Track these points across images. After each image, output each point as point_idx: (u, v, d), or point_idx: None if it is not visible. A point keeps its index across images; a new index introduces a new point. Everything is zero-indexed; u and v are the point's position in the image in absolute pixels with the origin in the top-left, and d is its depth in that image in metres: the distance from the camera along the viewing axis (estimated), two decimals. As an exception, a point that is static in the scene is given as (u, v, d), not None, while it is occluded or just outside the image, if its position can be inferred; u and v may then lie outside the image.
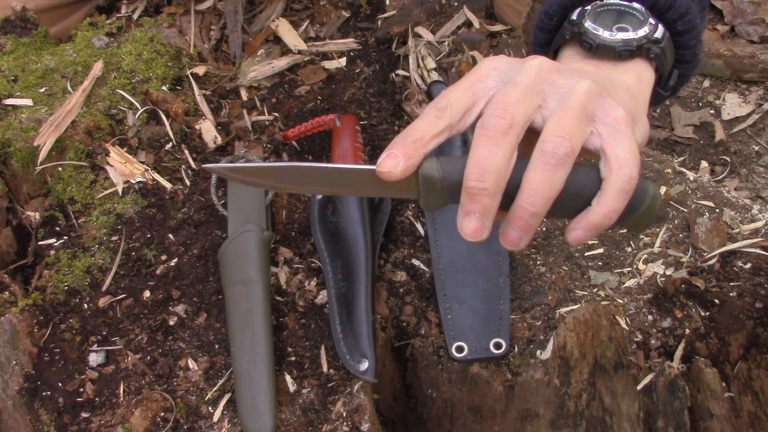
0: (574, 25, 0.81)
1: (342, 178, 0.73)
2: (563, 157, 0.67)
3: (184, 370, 0.99)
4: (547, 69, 0.71)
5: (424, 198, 0.72)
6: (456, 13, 1.41)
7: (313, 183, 0.73)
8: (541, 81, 0.70)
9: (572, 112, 0.68)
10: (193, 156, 1.19)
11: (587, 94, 0.69)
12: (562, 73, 0.71)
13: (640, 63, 0.80)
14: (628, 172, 0.67)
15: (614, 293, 1.05)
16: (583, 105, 0.68)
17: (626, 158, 0.68)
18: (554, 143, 0.67)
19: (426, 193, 0.72)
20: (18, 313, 1.02)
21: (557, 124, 0.68)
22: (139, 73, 1.26)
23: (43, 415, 0.96)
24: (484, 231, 0.71)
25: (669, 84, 0.86)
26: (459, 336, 1.00)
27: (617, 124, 0.69)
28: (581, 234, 0.70)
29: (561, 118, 0.68)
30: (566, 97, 0.69)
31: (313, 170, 0.73)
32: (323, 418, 0.94)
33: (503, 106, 0.68)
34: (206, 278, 1.06)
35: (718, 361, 0.98)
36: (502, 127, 0.67)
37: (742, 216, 1.09)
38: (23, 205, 1.16)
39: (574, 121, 0.68)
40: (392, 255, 1.11)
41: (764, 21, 1.62)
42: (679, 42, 0.84)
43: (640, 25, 0.80)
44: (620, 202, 0.68)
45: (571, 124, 0.67)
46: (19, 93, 1.23)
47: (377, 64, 1.34)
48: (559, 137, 0.67)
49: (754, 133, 1.48)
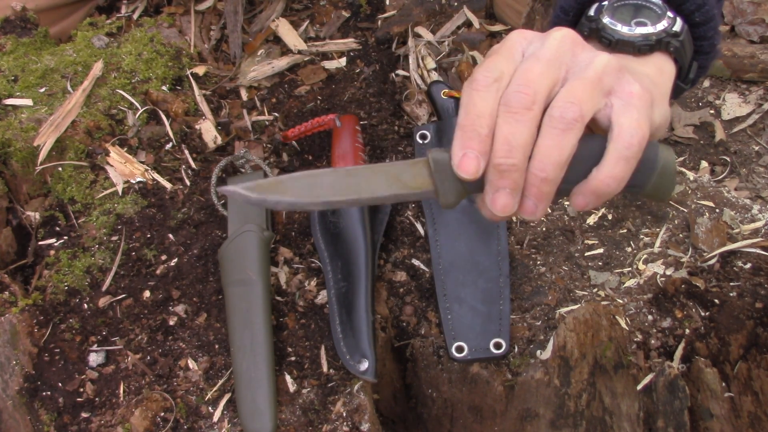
0: (592, 21, 0.80)
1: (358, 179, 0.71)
2: (571, 121, 0.67)
3: (184, 370, 0.99)
4: (570, 42, 0.71)
5: (442, 190, 0.71)
6: (456, 13, 1.41)
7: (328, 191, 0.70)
8: (564, 53, 0.70)
9: (586, 81, 0.68)
10: (193, 156, 1.19)
11: (606, 66, 0.69)
12: (585, 47, 0.71)
13: (660, 57, 0.80)
14: (627, 139, 0.67)
15: (614, 293, 1.05)
16: (599, 76, 0.68)
17: (629, 126, 0.68)
18: (563, 108, 0.67)
19: (442, 183, 0.70)
20: (18, 313, 1.02)
21: (569, 91, 0.68)
22: (139, 73, 1.26)
23: (43, 415, 0.96)
24: (514, 206, 0.70)
25: (689, 77, 0.86)
26: (459, 336, 1.00)
27: (631, 98, 0.69)
28: (581, 200, 0.71)
29: (573, 86, 0.68)
30: (584, 69, 0.69)
31: (327, 175, 0.71)
32: (323, 418, 0.94)
33: (526, 81, 0.68)
34: (206, 278, 1.06)
35: (718, 361, 0.98)
36: (525, 103, 0.67)
37: (742, 216, 1.09)
38: (23, 205, 1.16)
39: (587, 89, 0.68)
40: (392, 255, 1.11)
41: (764, 21, 1.61)
42: (696, 33, 0.83)
43: (659, 18, 0.79)
44: (619, 167, 0.68)
45: (583, 91, 0.67)
46: (19, 93, 1.23)
47: (377, 64, 1.34)
48: (568, 102, 0.67)
49: (754, 133, 1.48)
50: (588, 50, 0.71)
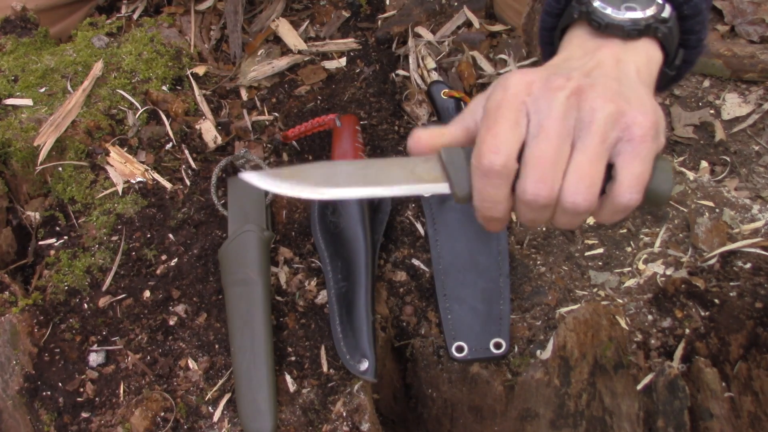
0: (582, 4, 0.81)
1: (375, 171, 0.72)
2: (583, 211, 0.70)
3: (184, 370, 0.99)
4: (575, 98, 0.70)
5: (456, 182, 0.72)
6: (456, 13, 1.41)
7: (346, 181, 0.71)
8: (570, 115, 0.70)
9: (593, 151, 0.69)
10: (193, 156, 1.19)
11: (607, 119, 0.69)
12: (584, 93, 0.70)
13: (648, 43, 0.80)
14: (627, 199, 0.70)
15: (614, 293, 1.05)
16: (603, 137, 0.69)
17: (631, 185, 0.69)
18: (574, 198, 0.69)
19: (456, 176, 0.72)
20: (18, 313, 1.02)
21: (578, 172, 0.69)
22: (139, 73, 1.26)
23: (43, 415, 0.96)
24: None
25: (675, 63, 0.86)
26: (459, 336, 1.00)
27: (640, 143, 0.69)
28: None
29: (582, 164, 0.69)
30: (589, 129, 0.69)
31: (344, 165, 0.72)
32: (323, 418, 0.94)
33: (542, 175, 0.69)
34: (206, 278, 1.06)
35: (718, 361, 0.98)
36: (543, 201, 0.70)
37: (742, 216, 1.09)
38: (23, 205, 1.16)
39: (594, 162, 0.69)
40: (392, 255, 1.11)
41: (764, 21, 1.61)
42: (684, 27, 0.84)
43: (648, 4, 0.80)
44: (614, 219, 0.72)
45: (590, 167, 0.69)
46: (19, 93, 1.23)
47: (377, 64, 1.34)
48: (578, 195, 0.69)
49: (754, 133, 1.48)
50: (589, 98, 0.70)
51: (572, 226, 0.74)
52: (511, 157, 0.69)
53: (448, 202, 1.09)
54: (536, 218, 0.72)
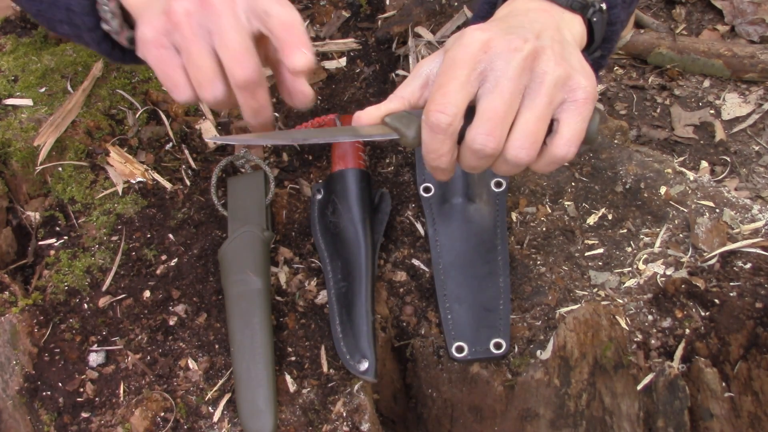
0: None
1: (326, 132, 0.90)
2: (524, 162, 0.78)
3: (184, 370, 0.99)
4: (532, 59, 0.76)
5: (402, 129, 0.81)
6: (456, 13, 1.41)
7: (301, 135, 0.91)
8: (524, 75, 0.76)
9: (540, 111, 0.76)
10: (193, 156, 1.19)
11: (557, 81, 0.75)
12: (539, 57, 0.76)
13: (581, 22, 0.85)
14: (564, 152, 0.77)
15: (614, 293, 1.05)
16: (551, 97, 0.75)
17: (570, 139, 0.76)
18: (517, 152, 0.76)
19: (402, 125, 0.81)
20: (18, 313, 1.02)
21: (524, 130, 0.76)
22: (139, 72, 1.26)
23: (43, 415, 0.96)
24: None
25: (594, 55, 0.92)
26: (459, 336, 1.00)
27: (582, 104, 0.76)
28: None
29: (528, 122, 0.76)
30: (539, 89, 0.75)
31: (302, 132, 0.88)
32: (323, 418, 0.94)
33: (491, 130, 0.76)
34: (206, 278, 1.06)
35: (718, 361, 0.98)
36: (489, 151, 0.76)
37: (742, 216, 1.09)
38: (23, 205, 1.16)
39: (540, 121, 0.76)
40: (392, 255, 1.11)
41: (764, 21, 1.62)
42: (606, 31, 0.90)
43: None
44: (549, 169, 0.80)
45: (536, 125, 0.76)
46: (19, 93, 1.23)
47: (377, 64, 1.34)
48: (522, 149, 0.76)
49: (754, 133, 1.49)
50: (542, 61, 0.75)
51: (509, 174, 0.81)
52: (457, 116, 0.75)
53: (448, 202, 1.09)
54: (478, 165, 0.79)
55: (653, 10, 1.68)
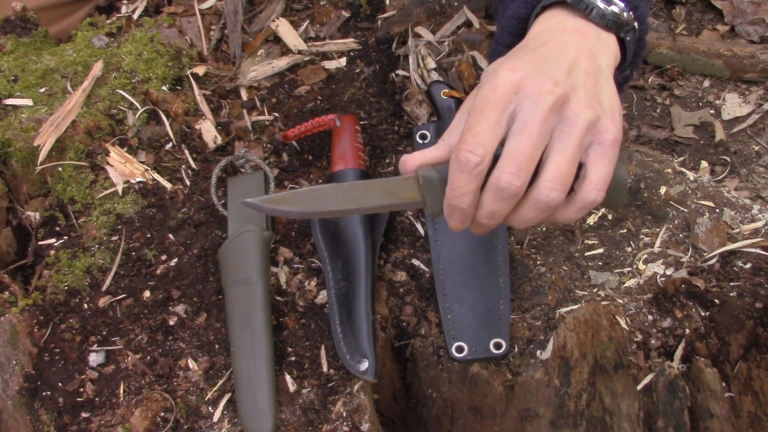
0: None
1: (358, 193, 0.81)
2: (553, 205, 0.76)
3: (184, 370, 0.99)
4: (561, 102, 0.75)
5: (429, 201, 0.80)
6: (456, 13, 1.41)
7: (331, 203, 0.81)
8: (552, 117, 0.75)
9: (569, 154, 0.75)
10: (193, 156, 1.19)
11: (586, 125, 0.75)
12: (568, 101, 0.75)
13: (615, 42, 0.85)
14: (594, 196, 0.76)
15: (614, 293, 1.05)
16: (580, 140, 0.75)
17: (598, 183, 0.76)
18: (547, 194, 0.75)
19: (430, 196, 0.80)
20: (18, 313, 1.02)
21: (554, 171, 0.75)
22: (139, 73, 1.26)
23: (43, 415, 0.96)
24: None
25: (624, 73, 0.92)
26: (459, 336, 1.00)
27: (609, 148, 0.76)
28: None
29: (559, 165, 0.75)
30: (569, 132, 0.75)
31: (328, 190, 0.81)
32: (323, 418, 0.94)
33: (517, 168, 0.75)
34: (206, 278, 1.06)
35: (718, 361, 0.98)
36: (513, 191, 0.75)
37: (742, 216, 1.09)
38: (23, 205, 1.16)
39: (570, 165, 0.75)
40: (392, 255, 1.11)
41: (764, 21, 1.61)
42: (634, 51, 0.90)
43: (627, 8, 0.85)
44: (577, 216, 0.79)
45: (566, 168, 0.75)
46: (19, 93, 1.23)
47: (377, 64, 1.34)
48: (552, 190, 0.75)
49: (754, 133, 1.49)
50: (572, 104, 0.75)
51: (531, 223, 0.79)
52: (486, 157, 0.75)
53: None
54: (498, 210, 0.77)
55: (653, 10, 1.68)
